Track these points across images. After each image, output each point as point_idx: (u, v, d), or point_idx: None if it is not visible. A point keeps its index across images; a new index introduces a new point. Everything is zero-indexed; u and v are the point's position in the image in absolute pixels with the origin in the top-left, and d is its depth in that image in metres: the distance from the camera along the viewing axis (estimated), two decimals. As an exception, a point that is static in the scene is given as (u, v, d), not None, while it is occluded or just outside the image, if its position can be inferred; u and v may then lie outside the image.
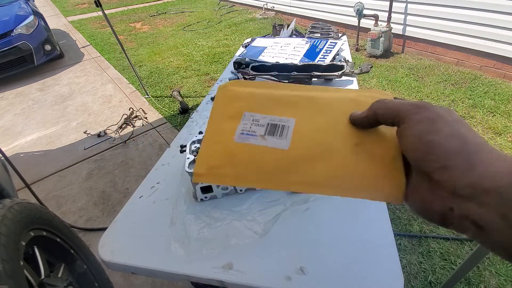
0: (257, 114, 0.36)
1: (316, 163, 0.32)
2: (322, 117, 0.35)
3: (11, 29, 4.26)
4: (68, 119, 3.39)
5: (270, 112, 0.36)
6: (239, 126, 0.35)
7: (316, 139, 0.34)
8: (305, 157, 0.32)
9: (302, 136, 0.34)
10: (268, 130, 0.35)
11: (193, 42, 5.34)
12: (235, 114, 0.36)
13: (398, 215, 1.82)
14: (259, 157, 0.33)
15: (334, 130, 0.34)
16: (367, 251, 0.68)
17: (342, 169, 0.31)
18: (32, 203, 1.11)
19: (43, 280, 0.98)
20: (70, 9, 9.42)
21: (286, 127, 0.34)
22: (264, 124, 0.35)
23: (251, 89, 0.38)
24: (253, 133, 0.35)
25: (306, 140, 0.34)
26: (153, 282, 1.62)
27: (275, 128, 0.35)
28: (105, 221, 2.05)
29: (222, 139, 0.35)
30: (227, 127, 0.36)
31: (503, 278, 1.45)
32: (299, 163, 0.32)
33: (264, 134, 0.34)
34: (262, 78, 1.60)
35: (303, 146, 0.33)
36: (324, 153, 0.33)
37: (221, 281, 0.66)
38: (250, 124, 0.35)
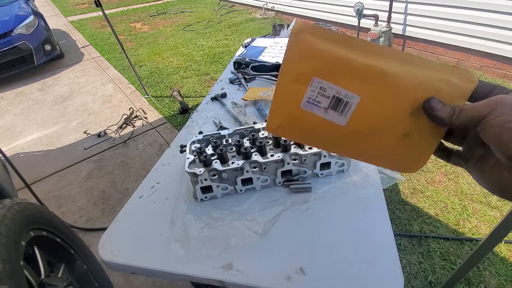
0: (325, 82, 0.36)
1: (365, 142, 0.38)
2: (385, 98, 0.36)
3: (11, 29, 4.26)
4: (68, 119, 3.39)
5: (338, 82, 0.36)
6: (307, 92, 0.37)
7: (371, 122, 0.37)
8: (357, 134, 0.38)
9: (360, 116, 0.37)
10: (331, 104, 0.37)
11: (193, 42, 5.34)
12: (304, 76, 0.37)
13: (398, 215, 1.82)
14: (318, 127, 0.38)
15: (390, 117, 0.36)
16: (367, 251, 0.68)
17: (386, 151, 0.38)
18: (32, 203, 1.11)
19: (43, 280, 0.98)
20: (70, 9, 9.42)
21: (349, 104, 0.36)
22: (330, 96, 0.36)
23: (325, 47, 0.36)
24: (317, 104, 0.37)
25: (362, 121, 0.37)
26: (153, 282, 1.62)
27: (339, 103, 0.37)
28: (105, 221, 2.05)
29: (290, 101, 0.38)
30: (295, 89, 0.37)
31: (503, 278, 1.45)
32: (351, 138, 0.38)
33: (327, 107, 0.37)
34: (262, 78, 1.60)
35: (357, 126, 0.37)
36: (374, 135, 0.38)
37: (221, 281, 0.66)
38: (316, 93, 0.37)
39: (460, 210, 1.81)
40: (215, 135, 0.96)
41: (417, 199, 1.91)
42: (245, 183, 0.86)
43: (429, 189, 1.97)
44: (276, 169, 0.85)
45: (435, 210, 1.83)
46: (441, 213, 1.81)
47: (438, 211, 1.82)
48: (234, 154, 0.89)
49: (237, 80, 1.62)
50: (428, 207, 1.86)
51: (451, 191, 1.94)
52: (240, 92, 1.51)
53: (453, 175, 2.04)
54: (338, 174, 0.91)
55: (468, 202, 1.85)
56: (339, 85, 0.36)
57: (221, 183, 0.84)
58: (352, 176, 0.89)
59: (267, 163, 0.83)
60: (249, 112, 1.31)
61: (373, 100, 0.36)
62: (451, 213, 1.80)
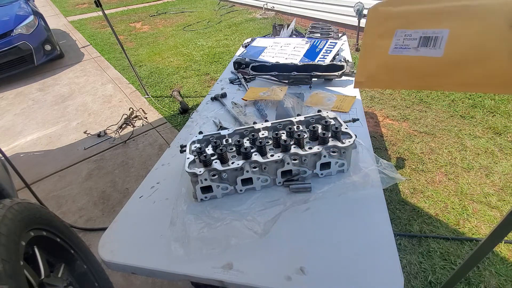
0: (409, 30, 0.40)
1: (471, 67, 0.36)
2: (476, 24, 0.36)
3: (11, 29, 4.26)
4: (68, 119, 3.39)
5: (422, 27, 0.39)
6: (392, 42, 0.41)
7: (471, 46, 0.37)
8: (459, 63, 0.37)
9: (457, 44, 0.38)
10: (421, 43, 0.39)
11: (193, 42, 5.34)
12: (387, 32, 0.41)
13: (398, 215, 1.82)
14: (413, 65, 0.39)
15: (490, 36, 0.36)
16: (367, 251, 0.68)
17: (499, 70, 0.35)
18: (32, 203, 1.11)
19: (43, 280, 0.97)
20: (70, 9, 9.42)
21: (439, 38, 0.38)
22: (417, 38, 0.39)
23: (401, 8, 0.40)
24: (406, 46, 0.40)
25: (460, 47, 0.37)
26: (153, 282, 1.62)
27: (428, 40, 0.39)
28: (105, 221, 2.05)
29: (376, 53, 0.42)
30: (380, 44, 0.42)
31: (503, 278, 1.45)
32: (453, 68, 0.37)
33: (417, 46, 0.40)
34: (262, 78, 1.60)
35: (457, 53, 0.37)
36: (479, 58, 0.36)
37: (221, 281, 0.66)
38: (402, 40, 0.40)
39: (460, 210, 1.81)
40: (215, 135, 0.96)
41: (417, 199, 1.91)
42: (245, 183, 0.86)
43: (429, 189, 1.97)
44: (276, 169, 0.85)
45: (435, 210, 1.83)
46: (441, 213, 1.81)
47: (438, 211, 1.82)
48: (234, 154, 0.89)
49: (237, 80, 1.62)
50: (428, 207, 1.86)
51: (451, 191, 1.94)
52: (240, 92, 1.51)
53: (453, 175, 2.04)
54: (338, 174, 0.91)
55: (468, 202, 1.85)
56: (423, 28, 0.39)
57: (221, 183, 0.84)
58: (352, 176, 0.89)
59: (267, 163, 0.83)
60: (249, 112, 1.31)
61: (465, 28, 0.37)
62: (451, 213, 1.80)
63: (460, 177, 2.03)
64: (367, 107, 2.94)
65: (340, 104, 1.27)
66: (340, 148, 0.85)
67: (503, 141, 2.31)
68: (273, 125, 0.97)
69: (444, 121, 2.61)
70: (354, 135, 0.87)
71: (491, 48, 0.36)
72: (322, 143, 0.85)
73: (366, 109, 2.89)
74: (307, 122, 0.98)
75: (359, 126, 1.12)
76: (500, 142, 2.30)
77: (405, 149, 2.35)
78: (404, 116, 2.75)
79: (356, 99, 1.30)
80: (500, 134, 2.38)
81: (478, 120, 2.57)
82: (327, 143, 0.85)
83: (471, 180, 1.99)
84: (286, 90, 1.35)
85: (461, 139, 2.38)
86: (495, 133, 2.40)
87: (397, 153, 2.33)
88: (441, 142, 2.38)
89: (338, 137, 0.86)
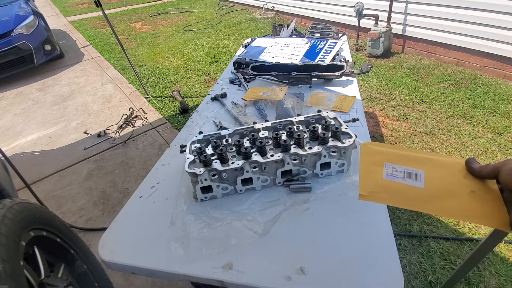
0: (394, 164, 0.54)
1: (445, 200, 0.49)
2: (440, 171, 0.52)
3: (11, 29, 4.26)
4: (68, 119, 3.39)
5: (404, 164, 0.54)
6: (384, 170, 0.54)
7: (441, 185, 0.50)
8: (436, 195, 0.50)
9: (431, 182, 0.51)
10: (405, 175, 0.52)
11: (193, 42, 5.34)
12: (378, 163, 0.55)
13: (398, 215, 1.82)
14: (404, 190, 0.51)
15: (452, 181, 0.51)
16: (367, 251, 0.68)
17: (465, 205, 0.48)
18: (32, 203, 1.11)
19: (43, 280, 0.97)
20: (70, 9, 9.42)
21: (418, 175, 0.52)
22: (402, 171, 0.53)
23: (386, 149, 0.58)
24: (395, 176, 0.53)
25: (434, 185, 0.51)
26: (153, 282, 1.62)
27: (411, 175, 0.52)
28: (105, 221, 2.05)
29: (373, 176, 0.54)
30: (374, 170, 0.55)
31: (503, 278, 1.45)
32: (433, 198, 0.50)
33: (404, 177, 0.52)
34: (262, 78, 1.60)
35: (433, 188, 0.50)
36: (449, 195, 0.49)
37: (221, 281, 0.66)
38: (391, 170, 0.54)
39: (460, 210, 1.81)
40: (215, 135, 0.96)
41: (417, 199, 1.91)
42: (245, 183, 0.86)
43: (429, 189, 1.97)
44: (276, 169, 0.85)
45: (435, 210, 1.83)
46: (441, 213, 1.81)
47: (438, 211, 1.82)
48: (234, 154, 0.89)
49: (237, 80, 1.62)
50: (428, 207, 1.86)
51: (451, 191, 1.94)
52: (240, 92, 1.51)
53: (453, 175, 2.04)
54: (338, 174, 0.91)
55: (468, 202, 1.85)
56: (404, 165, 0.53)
57: (221, 183, 0.84)
58: (352, 176, 0.89)
59: (267, 163, 0.83)
60: (249, 112, 1.31)
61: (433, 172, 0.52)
62: (451, 213, 1.80)
63: (460, 177, 2.03)
64: (367, 107, 2.94)
65: (340, 104, 1.27)
66: (340, 148, 0.85)
67: (503, 141, 2.31)
68: (273, 125, 0.97)
69: (444, 121, 2.61)
70: (354, 135, 0.87)
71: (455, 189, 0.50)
72: (322, 143, 0.85)
73: (366, 109, 2.89)
74: (307, 122, 0.98)
75: (359, 126, 1.12)
76: (500, 142, 2.30)
77: (405, 149, 2.34)
78: (404, 116, 2.75)
79: (356, 99, 1.30)
80: (500, 134, 2.38)
81: (478, 120, 2.57)
82: (327, 143, 0.85)
83: (471, 180, 1.99)
84: (286, 90, 1.35)
85: (461, 139, 2.38)
86: (495, 133, 2.40)
87: (397, 153, 2.32)
88: (441, 142, 2.38)
89: (338, 137, 0.86)
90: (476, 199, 0.49)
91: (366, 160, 0.57)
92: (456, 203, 0.49)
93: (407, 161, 0.54)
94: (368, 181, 0.54)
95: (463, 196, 0.49)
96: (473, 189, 0.50)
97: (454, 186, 0.51)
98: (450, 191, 0.50)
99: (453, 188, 0.51)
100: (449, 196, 0.50)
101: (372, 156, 0.57)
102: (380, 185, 0.53)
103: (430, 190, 0.50)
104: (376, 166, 0.55)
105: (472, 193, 0.49)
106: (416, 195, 0.50)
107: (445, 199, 0.49)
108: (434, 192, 0.50)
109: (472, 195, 0.49)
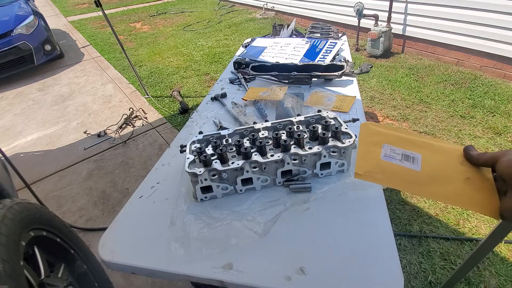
0: (393, 146, 0.54)
1: (440, 185, 0.49)
2: (438, 156, 0.53)
3: (11, 29, 4.26)
4: (68, 119, 3.39)
5: (402, 147, 0.54)
6: (382, 151, 0.54)
7: (438, 169, 0.50)
8: (432, 179, 0.50)
9: (428, 165, 0.51)
10: (403, 158, 0.52)
11: (193, 42, 5.34)
12: (377, 143, 0.55)
13: (398, 215, 1.82)
14: (400, 171, 0.51)
15: (449, 166, 0.51)
16: (367, 251, 0.68)
17: (459, 191, 0.48)
18: (32, 203, 1.11)
19: (43, 280, 0.97)
20: (70, 9, 9.42)
21: (416, 158, 0.52)
22: (399, 154, 0.53)
23: (386, 130, 0.58)
24: (392, 157, 0.53)
25: (431, 169, 0.51)
26: (153, 282, 1.62)
27: (408, 158, 0.52)
28: (105, 221, 2.05)
29: (371, 156, 0.54)
30: (373, 150, 0.55)
31: (503, 278, 1.45)
32: (429, 181, 0.50)
33: (401, 159, 0.52)
34: (262, 78, 1.60)
35: (429, 172, 0.50)
36: (445, 180, 0.50)
37: (221, 281, 0.66)
38: (389, 152, 0.54)
39: (460, 210, 1.81)
40: (215, 135, 0.96)
41: (417, 199, 1.91)
42: (245, 183, 0.86)
43: (429, 189, 1.97)
44: (276, 169, 0.85)
45: (435, 210, 1.83)
46: (441, 213, 1.81)
47: (438, 211, 1.82)
48: (234, 154, 0.89)
49: (237, 80, 1.62)
50: (428, 207, 1.86)
51: (451, 191, 1.94)
52: (240, 92, 1.51)
53: (453, 175, 2.04)
54: (338, 174, 0.91)
55: (468, 202, 1.85)
56: (402, 148, 0.53)
57: (221, 183, 0.84)
58: (352, 176, 0.89)
59: (267, 163, 0.83)
60: (249, 112, 1.31)
61: (431, 157, 0.52)
62: (451, 213, 1.80)
63: (460, 177, 2.03)
64: (367, 107, 2.94)
65: (340, 104, 1.27)
66: (340, 148, 0.85)
67: (503, 141, 2.31)
68: (273, 125, 0.97)
69: (444, 121, 2.61)
70: (354, 135, 0.86)
71: (451, 174, 0.50)
72: (322, 143, 0.85)
73: (366, 109, 2.89)
74: (307, 122, 0.98)
75: (359, 126, 1.11)
76: (500, 142, 2.30)
77: (405, 149, 2.34)
78: (404, 116, 2.75)
79: (356, 99, 1.30)
80: (500, 134, 2.38)
81: (478, 120, 2.57)
82: (327, 143, 0.85)
83: (471, 180, 1.99)
84: (286, 90, 1.35)
85: (461, 139, 2.38)
86: (495, 133, 2.40)
87: (397, 153, 2.32)
88: (441, 142, 2.38)
89: (338, 137, 0.86)
90: (471, 186, 0.49)
91: (365, 140, 0.57)
92: (451, 188, 0.49)
93: (406, 144, 0.55)
94: (366, 161, 0.54)
95: (458, 182, 0.49)
96: (469, 176, 0.50)
97: (450, 171, 0.51)
98: (446, 176, 0.50)
99: (449, 173, 0.51)
100: (445, 181, 0.50)
101: (371, 137, 0.57)
102: (377, 165, 0.53)
103: (426, 174, 0.51)
104: (374, 146, 0.55)
105: (467, 179, 0.49)
106: (412, 177, 0.51)
107: (440, 184, 0.50)
108: (430, 176, 0.50)
109: (467, 182, 0.49)
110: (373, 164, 0.53)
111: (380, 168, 0.52)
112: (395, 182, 0.51)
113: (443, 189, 0.49)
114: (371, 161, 0.54)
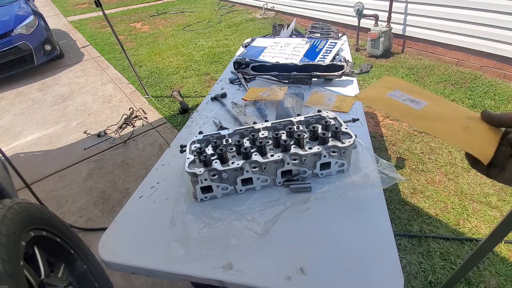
0: (403, 92, 0.57)
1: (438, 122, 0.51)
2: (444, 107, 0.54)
3: (11, 29, 4.26)
4: (68, 119, 3.39)
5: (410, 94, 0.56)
6: (390, 92, 0.57)
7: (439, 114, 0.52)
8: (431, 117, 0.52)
9: (430, 110, 0.53)
10: (408, 100, 0.55)
11: (193, 42, 5.34)
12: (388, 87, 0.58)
13: (398, 215, 1.82)
14: (400, 105, 0.54)
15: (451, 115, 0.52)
16: (367, 251, 0.68)
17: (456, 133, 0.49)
18: (32, 203, 1.11)
19: (43, 280, 0.97)
20: (70, 9, 9.42)
21: (420, 102, 0.54)
22: (406, 98, 0.55)
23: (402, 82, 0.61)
24: (398, 97, 0.55)
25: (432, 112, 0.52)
26: (153, 282, 1.62)
27: (413, 101, 0.55)
28: (105, 221, 2.05)
29: (379, 91, 0.57)
30: (382, 90, 0.58)
31: (503, 278, 1.45)
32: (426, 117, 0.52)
33: (405, 100, 0.55)
34: (262, 78, 1.60)
35: (430, 113, 0.52)
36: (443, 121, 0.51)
37: (221, 281, 0.66)
38: (397, 94, 0.56)
39: (460, 210, 1.81)
40: (215, 135, 0.96)
41: (417, 199, 1.91)
42: (245, 183, 0.86)
43: (429, 189, 1.97)
44: (276, 169, 0.85)
45: (435, 210, 1.83)
46: (441, 213, 1.81)
47: (438, 211, 1.82)
48: (234, 154, 0.89)
49: (237, 80, 1.62)
50: (428, 207, 1.86)
51: (451, 191, 1.94)
52: (240, 92, 1.51)
53: (453, 175, 2.04)
54: (338, 174, 0.91)
55: (468, 202, 1.85)
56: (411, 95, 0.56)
57: (221, 183, 0.84)
58: (352, 176, 0.89)
59: (267, 163, 0.83)
60: (249, 112, 1.31)
61: (437, 105, 0.54)
62: (451, 213, 1.80)
63: (460, 177, 2.03)
64: (367, 107, 2.94)
65: (340, 104, 1.27)
66: (340, 148, 0.85)
67: (503, 141, 2.31)
68: (273, 125, 0.97)
69: (444, 121, 2.61)
70: (354, 135, 0.87)
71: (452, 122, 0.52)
72: (322, 143, 0.85)
73: (366, 109, 2.89)
74: (307, 122, 0.98)
75: (359, 126, 1.12)
76: (500, 142, 2.29)
77: (405, 149, 2.35)
78: (404, 116, 2.74)
79: (356, 99, 1.30)
80: (500, 134, 2.38)
81: (478, 120, 2.56)
82: (327, 143, 0.85)
83: (471, 180, 1.99)
84: (286, 90, 1.35)
85: (461, 139, 2.38)
86: (495, 133, 2.40)
87: (397, 153, 2.33)
88: (441, 142, 2.38)
89: (338, 137, 0.86)
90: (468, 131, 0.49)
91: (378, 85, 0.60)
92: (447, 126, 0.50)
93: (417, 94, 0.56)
94: (370, 92, 0.58)
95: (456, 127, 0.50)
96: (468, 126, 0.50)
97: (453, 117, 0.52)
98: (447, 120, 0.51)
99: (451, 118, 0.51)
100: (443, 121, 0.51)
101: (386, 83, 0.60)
102: (379, 97, 0.55)
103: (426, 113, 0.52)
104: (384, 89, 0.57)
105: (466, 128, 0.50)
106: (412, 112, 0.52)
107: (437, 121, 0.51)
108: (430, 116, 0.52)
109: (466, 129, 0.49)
110: (376, 95, 0.56)
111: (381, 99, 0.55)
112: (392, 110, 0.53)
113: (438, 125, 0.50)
114: (375, 93, 0.57)
